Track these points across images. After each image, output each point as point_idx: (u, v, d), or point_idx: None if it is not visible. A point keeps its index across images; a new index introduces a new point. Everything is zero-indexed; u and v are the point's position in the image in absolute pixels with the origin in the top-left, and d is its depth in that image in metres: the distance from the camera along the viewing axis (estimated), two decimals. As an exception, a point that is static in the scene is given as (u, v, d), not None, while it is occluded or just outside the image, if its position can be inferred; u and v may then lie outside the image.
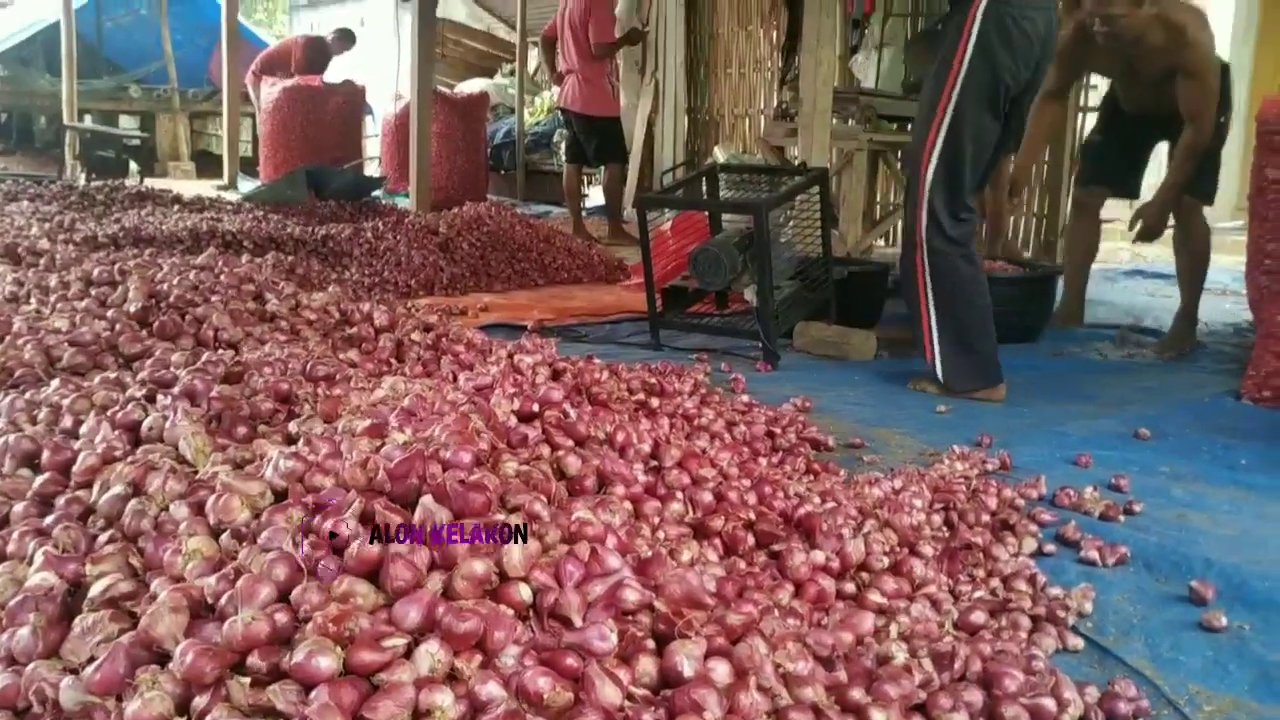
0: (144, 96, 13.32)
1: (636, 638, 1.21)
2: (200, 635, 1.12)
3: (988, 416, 3.07)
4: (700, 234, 4.49)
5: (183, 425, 1.64)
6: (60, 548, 1.33)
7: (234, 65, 10.29)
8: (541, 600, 1.22)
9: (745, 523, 1.75)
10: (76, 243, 4.20)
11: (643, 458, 1.89)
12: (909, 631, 1.54)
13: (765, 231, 3.65)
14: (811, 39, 4.71)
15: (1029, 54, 3.18)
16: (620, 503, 1.60)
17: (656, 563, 1.38)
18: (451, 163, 9.18)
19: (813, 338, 3.96)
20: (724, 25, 9.48)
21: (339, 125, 9.84)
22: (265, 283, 2.99)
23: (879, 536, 1.82)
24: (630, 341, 4.08)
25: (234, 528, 1.31)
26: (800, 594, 1.60)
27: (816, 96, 4.72)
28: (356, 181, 7.90)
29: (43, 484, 1.54)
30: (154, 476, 1.44)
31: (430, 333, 2.81)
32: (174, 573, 1.24)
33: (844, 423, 2.93)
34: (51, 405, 1.86)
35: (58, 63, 11.15)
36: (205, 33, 13.62)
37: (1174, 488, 2.47)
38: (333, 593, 1.15)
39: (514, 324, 4.24)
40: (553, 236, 5.78)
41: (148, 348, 2.32)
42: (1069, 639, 1.66)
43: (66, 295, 2.77)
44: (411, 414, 1.67)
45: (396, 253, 5.06)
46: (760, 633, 1.29)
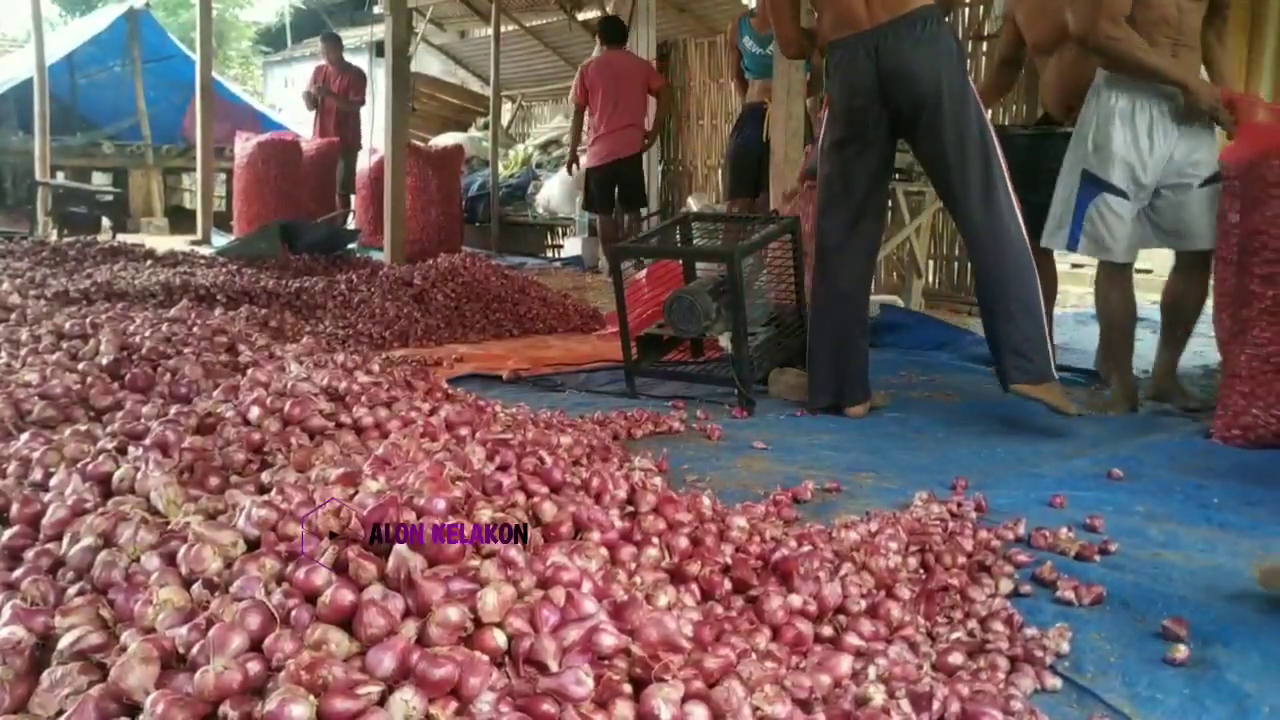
0: (117, 152, 13.32)
1: (613, 682, 1.20)
2: (171, 686, 1.10)
3: (963, 459, 3.08)
4: (674, 282, 4.52)
5: (155, 476, 1.62)
6: (29, 600, 1.31)
7: (208, 120, 10.30)
8: (517, 646, 1.21)
9: (722, 567, 1.75)
10: (48, 298, 4.18)
11: (618, 503, 1.89)
12: (887, 673, 1.53)
13: (739, 278, 3.68)
14: (781, 92, 4.79)
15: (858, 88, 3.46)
16: (596, 548, 1.60)
17: (633, 607, 1.37)
18: (426, 215, 9.21)
19: (787, 384, 3.98)
20: (695, 78, 9.62)
21: (313, 179, 9.85)
22: (239, 335, 2.99)
23: (856, 579, 1.82)
24: (606, 390, 4.09)
25: (206, 577, 1.30)
26: (778, 637, 1.60)
27: (787, 147, 4.78)
28: (331, 235, 7.91)
29: (11, 537, 1.52)
30: (125, 527, 1.42)
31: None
32: (144, 624, 1.23)
33: (820, 468, 2.94)
34: (21, 459, 1.84)
35: (30, 120, 11.15)
36: (179, 89, 13.67)
37: (1148, 527, 2.48)
38: (306, 641, 1.14)
39: (489, 374, 4.23)
40: (527, 287, 5.79)
41: (119, 400, 2.31)
42: (1047, 679, 1.66)
43: (37, 349, 2.75)
44: (385, 462, 1.67)
45: (371, 304, 5.05)
46: (738, 676, 1.28)
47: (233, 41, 23.00)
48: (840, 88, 3.53)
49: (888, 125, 3.50)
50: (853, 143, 3.55)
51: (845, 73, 3.49)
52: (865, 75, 3.42)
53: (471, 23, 13.13)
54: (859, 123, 3.51)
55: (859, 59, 3.42)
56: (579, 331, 5.52)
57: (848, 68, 3.47)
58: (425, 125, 12.13)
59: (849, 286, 3.66)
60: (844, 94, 3.52)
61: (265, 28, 23.42)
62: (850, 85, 3.48)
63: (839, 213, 3.62)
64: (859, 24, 3.41)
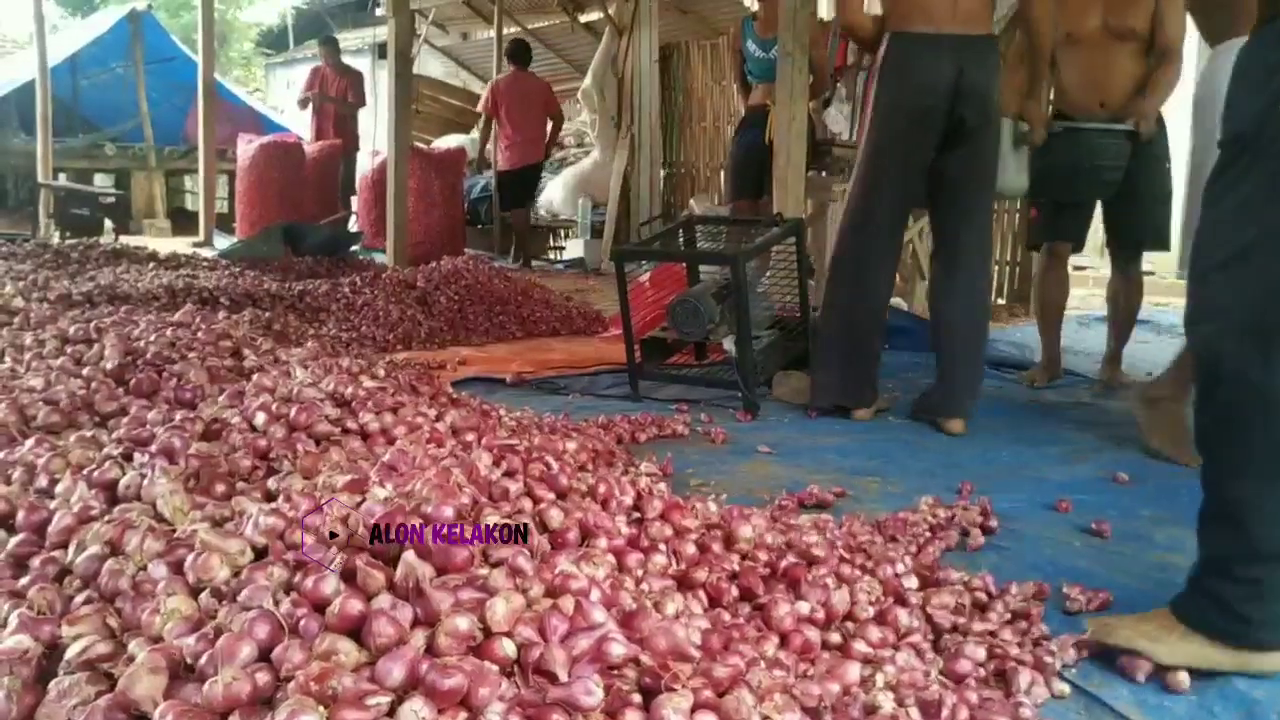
0: (119, 154, 13.36)
1: (623, 692, 1.20)
2: (180, 696, 1.10)
3: (967, 463, 3.08)
4: (678, 285, 4.51)
5: (161, 483, 1.62)
6: (36, 609, 1.31)
7: (210, 122, 10.31)
8: (526, 655, 1.20)
9: (729, 574, 1.74)
10: (51, 301, 4.18)
11: (625, 510, 1.88)
12: (895, 681, 1.53)
13: (742, 281, 3.67)
14: (784, 94, 4.78)
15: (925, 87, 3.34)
16: (603, 555, 1.59)
17: (641, 615, 1.37)
18: (429, 217, 9.20)
19: (791, 387, 3.97)
20: (698, 80, 9.62)
21: (315, 181, 9.84)
22: (243, 339, 2.98)
23: (864, 586, 1.82)
24: (610, 394, 4.08)
25: (213, 586, 1.29)
26: (786, 645, 1.59)
27: (790, 149, 4.77)
28: (333, 237, 7.90)
29: (17, 544, 1.52)
30: (131, 535, 1.42)
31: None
32: (152, 633, 1.22)
33: (825, 472, 2.94)
34: (26, 465, 1.84)
35: (32, 121, 11.16)
36: (182, 91, 13.71)
37: (1155, 532, 2.48)
38: (314, 651, 1.13)
39: (492, 377, 4.23)
40: (530, 289, 5.79)
41: (124, 405, 2.31)
42: (1055, 685, 1.66)
43: (41, 354, 2.75)
44: (392, 469, 1.66)
45: (374, 307, 5.05)
46: (747, 684, 1.28)
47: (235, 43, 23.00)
48: (910, 82, 3.35)
49: (942, 133, 3.40)
50: (908, 141, 3.42)
51: (920, 70, 3.33)
52: (944, 80, 3.31)
53: (474, 25, 13.13)
54: (923, 123, 3.38)
55: (942, 61, 3.30)
56: (582, 334, 5.53)
57: (923, 65, 3.32)
58: (427, 127, 12.10)
59: (874, 286, 3.60)
60: (914, 91, 3.35)
61: (267, 29, 23.44)
62: (923, 84, 3.33)
63: (876, 211, 3.51)
64: (941, 23, 3.30)
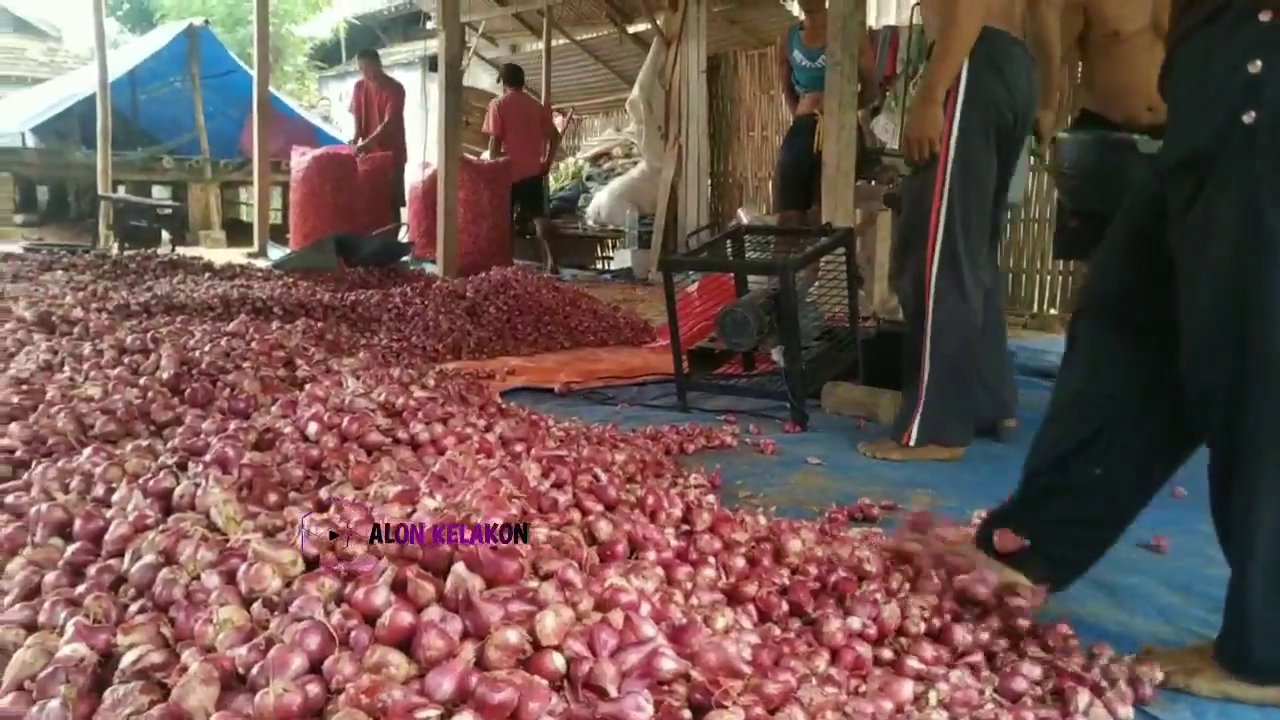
0: (176, 167, 13.63)
1: (673, 708, 1.19)
2: (232, 707, 1.10)
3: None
4: (726, 295, 4.50)
5: (214, 493, 1.63)
6: (91, 617, 1.32)
7: (264, 135, 10.47)
8: (576, 669, 1.20)
9: (779, 588, 1.72)
10: (109, 311, 4.25)
11: (674, 522, 1.87)
12: (949, 699, 1.50)
13: (791, 292, 3.65)
14: (833, 103, 4.75)
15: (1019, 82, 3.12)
16: (653, 568, 1.58)
17: (691, 630, 1.36)
18: (478, 228, 9.27)
19: (841, 398, 3.94)
20: (746, 90, 9.61)
21: (368, 192, 9.96)
22: (295, 349, 3.01)
23: (918, 601, 1.79)
24: (657, 404, 4.07)
25: (265, 596, 1.30)
26: (837, 661, 1.57)
27: (839, 158, 4.74)
28: (385, 248, 7.99)
29: (74, 553, 1.54)
30: (185, 545, 1.43)
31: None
32: (205, 643, 1.23)
33: (875, 485, 2.90)
34: (84, 474, 1.87)
35: (93, 135, 11.40)
36: (238, 104, 13.96)
37: (1213, 548, 2.41)
38: (365, 663, 1.13)
39: (541, 387, 4.24)
40: (578, 299, 5.81)
41: (179, 415, 2.34)
42: (1116, 707, 1.62)
43: (100, 363, 2.79)
44: (442, 479, 1.66)
45: (424, 317, 5.09)
46: (799, 701, 1.26)
47: (289, 57, 23.33)
48: (1011, 84, 3.10)
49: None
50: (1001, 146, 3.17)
51: (1018, 73, 3.12)
52: (1031, 85, 3.18)
53: (523, 37, 13.22)
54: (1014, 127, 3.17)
55: (1028, 66, 3.16)
56: (630, 344, 5.53)
57: (1019, 69, 3.12)
58: (477, 139, 12.21)
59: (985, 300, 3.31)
60: (1014, 93, 3.11)
61: (320, 43, 23.75)
62: (1019, 87, 3.13)
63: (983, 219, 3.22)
64: (1014, 26, 3.17)
